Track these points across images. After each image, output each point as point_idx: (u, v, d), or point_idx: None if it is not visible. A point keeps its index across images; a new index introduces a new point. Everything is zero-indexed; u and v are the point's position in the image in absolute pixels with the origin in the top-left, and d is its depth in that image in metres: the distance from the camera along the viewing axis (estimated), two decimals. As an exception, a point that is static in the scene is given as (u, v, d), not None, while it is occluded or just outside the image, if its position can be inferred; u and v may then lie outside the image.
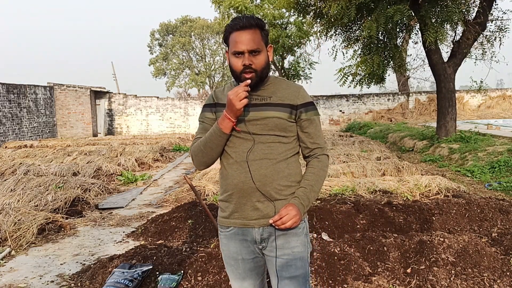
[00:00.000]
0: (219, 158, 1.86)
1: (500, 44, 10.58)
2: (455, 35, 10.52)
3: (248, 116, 1.76)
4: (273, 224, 1.73)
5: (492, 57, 10.74)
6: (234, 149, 1.78)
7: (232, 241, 1.84)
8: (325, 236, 4.08)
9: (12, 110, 15.45)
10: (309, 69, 21.21)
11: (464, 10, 9.49)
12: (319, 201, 5.23)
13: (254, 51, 1.71)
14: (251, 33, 1.71)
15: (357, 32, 10.90)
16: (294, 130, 1.82)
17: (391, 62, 10.94)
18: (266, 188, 1.75)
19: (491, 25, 10.43)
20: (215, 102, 1.88)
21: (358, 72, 10.67)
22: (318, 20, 10.95)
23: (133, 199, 6.71)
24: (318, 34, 10.95)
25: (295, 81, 20.73)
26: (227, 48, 1.80)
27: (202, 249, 3.51)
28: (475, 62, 10.88)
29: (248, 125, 1.76)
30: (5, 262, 4.04)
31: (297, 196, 1.77)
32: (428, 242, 3.37)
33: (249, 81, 1.70)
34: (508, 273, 3.10)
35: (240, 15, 1.86)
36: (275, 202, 1.76)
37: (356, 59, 11.05)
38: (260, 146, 1.76)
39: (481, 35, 10.19)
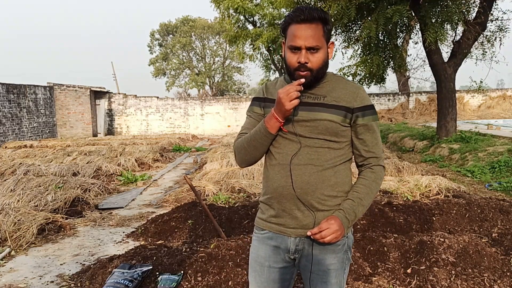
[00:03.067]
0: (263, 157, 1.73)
1: (500, 44, 10.59)
2: (455, 35, 10.52)
3: (297, 116, 1.60)
4: (311, 237, 1.60)
5: (492, 57, 10.75)
6: (279, 150, 1.64)
7: (264, 245, 1.71)
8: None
9: (12, 110, 15.44)
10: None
11: (464, 10, 9.49)
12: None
13: (313, 48, 1.54)
14: (312, 27, 1.54)
15: (357, 32, 10.91)
16: (347, 135, 1.65)
17: (391, 62, 10.95)
18: (307, 197, 1.60)
19: (491, 25, 10.45)
20: (264, 96, 1.73)
21: (358, 72, 10.68)
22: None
23: (133, 199, 6.70)
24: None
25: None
26: (284, 39, 1.64)
27: (202, 249, 3.50)
28: (476, 62, 10.89)
29: (296, 126, 1.61)
30: (5, 263, 4.04)
31: (342, 209, 1.61)
32: (429, 242, 3.37)
33: (303, 80, 1.54)
34: (508, 274, 3.09)
35: (301, 5, 1.59)
36: (316, 212, 1.62)
37: (356, 59, 11.06)
38: (306, 150, 1.60)
39: (481, 35, 10.20)
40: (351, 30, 11.07)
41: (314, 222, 1.61)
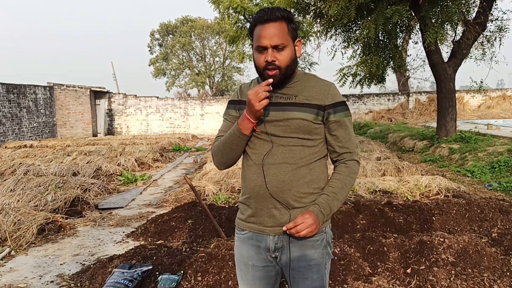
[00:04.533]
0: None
1: (500, 44, 10.60)
2: (455, 35, 10.53)
3: (269, 116, 1.63)
4: (287, 232, 1.62)
5: (492, 57, 10.76)
6: (254, 151, 1.68)
7: (245, 245, 1.74)
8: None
9: (12, 110, 15.44)
10: (309, 69, 21.21)
11: (464, 10, 9.49)
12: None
13: (278, 46, 1.57)
14: (276, 26, 1.57)
15: (357, 32, 10.91)
16: (321, 133, 1.68)
17: (391, 62, 10.95)
18: (283, 195, 1.63)
19: (491, 25, 10.46)
20: (239, 99, 1.76)
21: (357, 72, 10.68)
22: (318, 20, 10.94)
23: (133, 199, 6.71)
24: (318, 34, 10.95)
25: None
26: (252, 42, 1.67)
27: (202, 249, 3.51)
28: (477, 62, 10.89)
29: (269, 126, 1.64)
30: (5, 262, 4.04)
31: (317, 204, 1.64)
32: (428, 242, 3.37)
33: (271, 80, 1.57)
34: (508, 273, 3.10)
35: (266, 6, 1.58)
36: (292, 210, 1.64)
37: (356, 59, 11.05)
38: (280, 149, 1.63)
39: (481, 35, 10.20)
40: (351, 30, 11.06)
41: (289, 219, 1.64)
